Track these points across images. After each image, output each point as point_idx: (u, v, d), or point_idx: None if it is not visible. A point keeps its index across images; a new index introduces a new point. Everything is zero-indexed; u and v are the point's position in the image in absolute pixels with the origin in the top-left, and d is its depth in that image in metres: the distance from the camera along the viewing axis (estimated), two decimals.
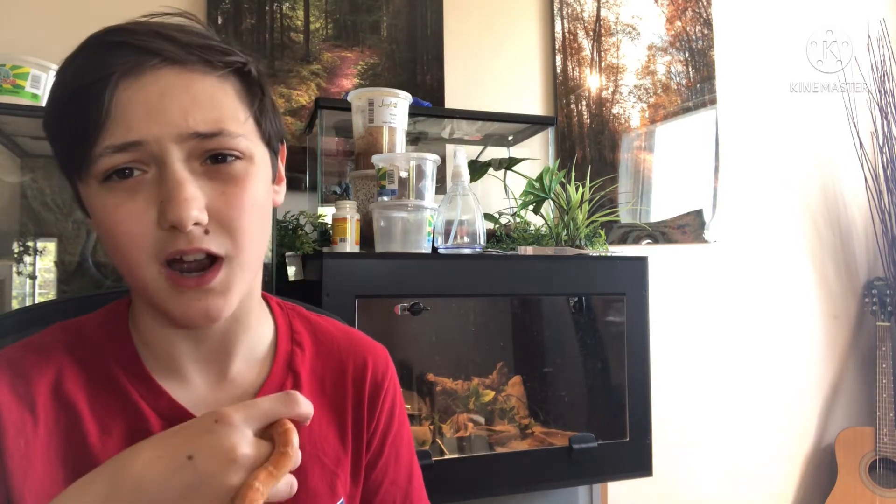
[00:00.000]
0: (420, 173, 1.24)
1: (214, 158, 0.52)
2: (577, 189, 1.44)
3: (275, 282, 1.27)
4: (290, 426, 0.47)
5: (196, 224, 0.50)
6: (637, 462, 1.35)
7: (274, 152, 0.61)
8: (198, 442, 0.44)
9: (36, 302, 1.38)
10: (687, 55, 2.12)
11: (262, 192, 0.56)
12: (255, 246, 0.56)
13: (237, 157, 0.53)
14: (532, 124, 1.69)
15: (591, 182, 1.48)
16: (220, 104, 0.53)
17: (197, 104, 0.52)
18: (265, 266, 1.29)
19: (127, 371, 0.57)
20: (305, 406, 0.48)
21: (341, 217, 1.23)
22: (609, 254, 1.42)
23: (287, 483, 0.46)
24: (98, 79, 0.50)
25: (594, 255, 1.39)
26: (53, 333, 0.59)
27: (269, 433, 0.47)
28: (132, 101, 0.50)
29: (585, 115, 1.97)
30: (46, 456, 0.52)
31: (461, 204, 1.27)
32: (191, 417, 0.55)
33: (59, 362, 0.56)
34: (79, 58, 0.52)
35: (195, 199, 0.50)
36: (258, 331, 0.64)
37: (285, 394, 0.48)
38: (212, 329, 0.59)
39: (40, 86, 1.24)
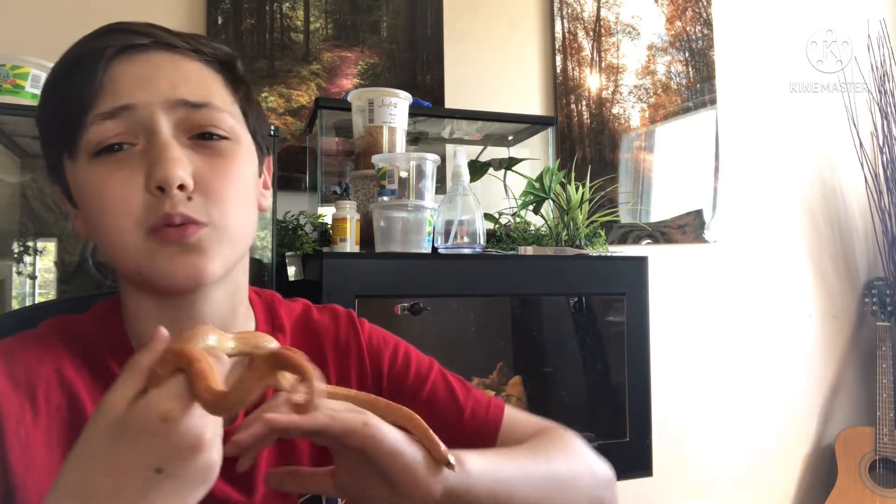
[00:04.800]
0: (420, 173, 1.24)
1: (202, 136, 0.54)
2: (577, 189, 1.44)
3: (275, 282, 1.27)
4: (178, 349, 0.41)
5: (181, 188, 0.51)
6: (637, 462, 1.35)
7: (260, 150, 0.62)
8: (158, 451, 0.39)
9: (36, 302, 1.38)
10: (687, 55, 2.12)
11: (247, 175, 0.57)
12: (241, 222, 0.56)
13: (224, 138, 0.55)
14: (532, 124, 1.69)
15: (591, 182, 1.48)
16: (207, 83, 0.56)
17: (186, 79, 0.54)
18: (265, 266, 1.29)
19: (121, 363, 0.56)
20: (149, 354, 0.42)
21: (341, 217, 1.24)
22: (609, 254, 1.42)
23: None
24: (91, 54, 0.52)
25: (594, 255, 1.39)
26: (44, 326, 0.58)
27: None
28: (123, 73, 0.52)
29: (585, 115, 1.97)
30: (48, 444, 0.52)
31: (461, 204, 1.27)
32: None
33: (57, 351, 0.55)
34: (73, 47, 0.55)
35: (181, 161, 0.51)
36: (244, 323, 0.63)
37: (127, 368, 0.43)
38: (197, 320, 0.58)
39: (40, 86, 1.24)
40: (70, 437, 0.52)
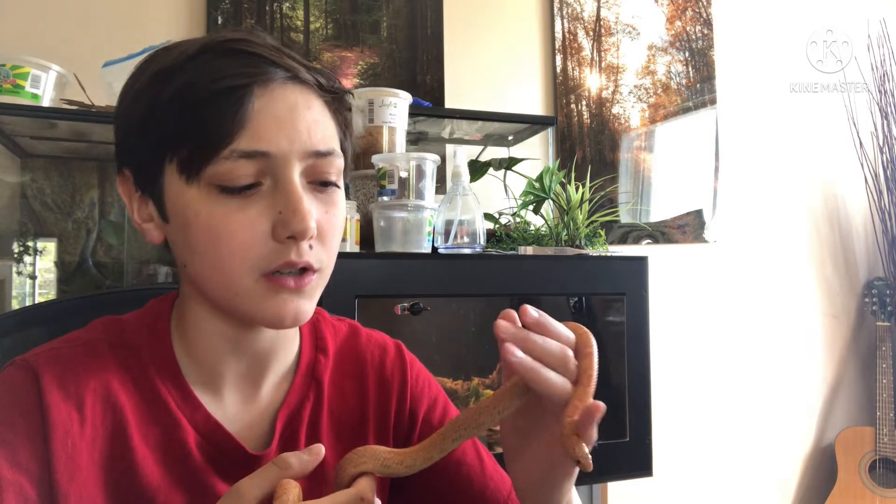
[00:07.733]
0: (420, 173, 1.24)
1: (322, 183, 0.55)
2: (577, 189, 1.44)
3: None
4: (286, 485, 0.45)
5: (308, 238, 0.52)
6: (637, 462, 1.35)
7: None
8: None
9: (36, 302, 1.38)
10: (687, 55, 2.12)
11: (344, 216, 0.60)
12: (334, 263, 0.59)
13: (335, 185, 0.56)
14: (532, 124, 1.69)
15: (591, 182, 1.48)
16: (330, 125, 0.56)
17: (317, 123, 0.54)
18: None
19: (165, 379, 0.56)
20: (297, 465, 0.46)
21: None
22: (609, 254, 1.42)
23: None
24: (239, 85, 0.51)
25: (594, 255, 1.39)
26: (97, 330, 0.58)
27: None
28: (263, 112, 0.51)
29: (585, 115, 1.97)
30: (91, 457, 0.52)
31: (461, 204, 1.27)
32: (224, 434, 0.56)
33: (106, 361, 0.55)
34: (209, 59, 0.52)
35: (312, 213, 0.52)
36: (294, 344, 0.64)
37: (273, 462, 0.47)
38: (261, 342, 0.59)
39: (40, 86, 1.24)
40: (111, 453, 0.53)
